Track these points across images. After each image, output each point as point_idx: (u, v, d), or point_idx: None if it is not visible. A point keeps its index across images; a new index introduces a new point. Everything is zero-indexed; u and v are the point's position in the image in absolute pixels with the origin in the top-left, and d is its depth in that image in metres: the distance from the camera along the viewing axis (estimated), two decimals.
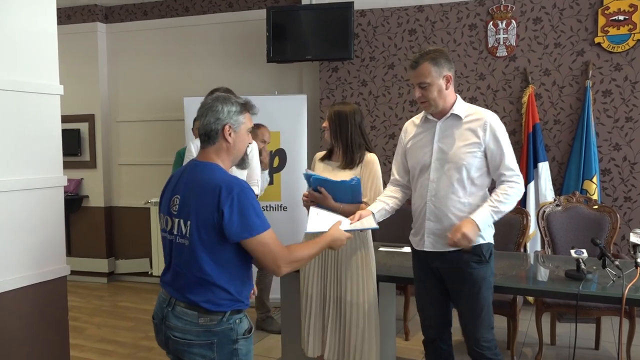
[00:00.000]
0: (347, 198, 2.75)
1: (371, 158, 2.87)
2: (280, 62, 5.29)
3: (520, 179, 2.49)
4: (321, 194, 2.74)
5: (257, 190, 3.29)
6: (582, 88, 4.61)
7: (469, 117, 2.51)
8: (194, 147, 3.60)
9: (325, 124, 2.92)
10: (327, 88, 5.34)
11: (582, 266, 2.84)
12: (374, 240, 4.30)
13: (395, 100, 5.16)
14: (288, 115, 4.71)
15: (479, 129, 2.47)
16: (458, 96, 2.57)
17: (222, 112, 1.97)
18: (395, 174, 2.77)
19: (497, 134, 2.48)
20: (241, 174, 3.28)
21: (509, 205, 2.44)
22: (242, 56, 5.66)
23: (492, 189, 2.56)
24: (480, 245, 2.48)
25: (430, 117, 2.58)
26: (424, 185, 2.56)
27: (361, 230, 2.65)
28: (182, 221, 1.94)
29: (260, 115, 5.77)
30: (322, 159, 3.00)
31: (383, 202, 2.71)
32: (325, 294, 2.86)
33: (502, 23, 4.81)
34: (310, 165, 3.09)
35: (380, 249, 3.67)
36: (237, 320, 1.98)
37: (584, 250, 2.87)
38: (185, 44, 5.87)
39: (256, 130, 4.29)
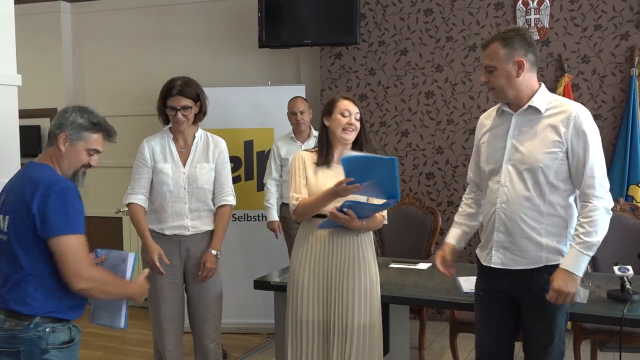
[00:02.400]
0: (370, 214, 2.85)
1: None
2: (274, 48, 5.29)
3: (606, 193, 2.43)
4: (348, 215, 2.77)
5: (233, 200, 3.35)
6: (626, 77, 4.62)
7: (551, 111, 2.48)
8: (147, 148, 3.48)
9: (352, 119, 2.89)
10: (329, 77, 5.35)
11: (628, 286, 2.83)
12: (383, 255, 4.34)
13: (409, 92, 5.17)
14: (283, 109, 4.71)
15: (560, 124, 2.44)
16: (542, 85, 2.55)
17: (66, 119, 2.26)
18: (471, 175, 2.78)
19: (582, 131, 2.41)
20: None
21: (599, 234, 2.39)
22: (229, 40, 5.66)
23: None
24: (558, 265, 2.44)
25: (506, 108, 2.57)
26: (494, 190, 2.55)
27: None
28: (1, 217, 2.22)
29: (251, 108, 5.72)
30: (322, 164, 2.94)
31: (462, 226, 2.76)
32: (329, 320, 2.88)
33: (533, 2, 4.81)
34: (285, 168, 3.03)
35: (391, 265, 3.68)
36: (47, 329, 2.14)
37: (630, 267, 2.87)
38: (163, 26, 5.88)
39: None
